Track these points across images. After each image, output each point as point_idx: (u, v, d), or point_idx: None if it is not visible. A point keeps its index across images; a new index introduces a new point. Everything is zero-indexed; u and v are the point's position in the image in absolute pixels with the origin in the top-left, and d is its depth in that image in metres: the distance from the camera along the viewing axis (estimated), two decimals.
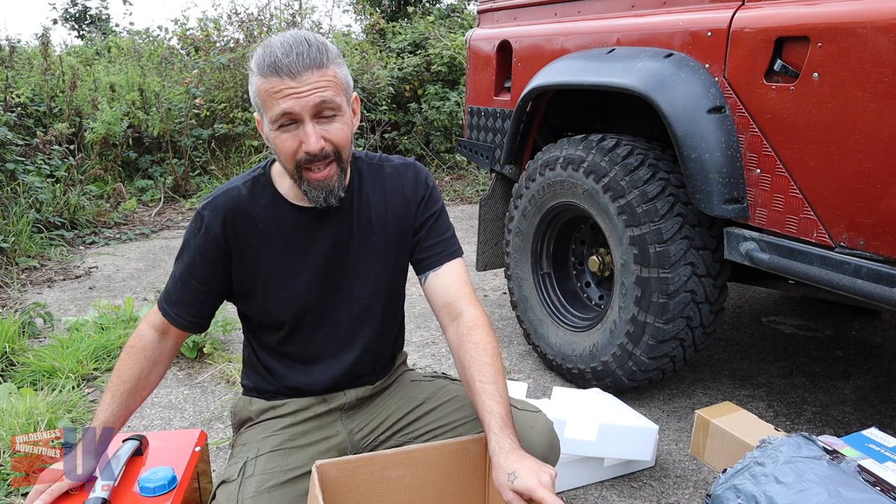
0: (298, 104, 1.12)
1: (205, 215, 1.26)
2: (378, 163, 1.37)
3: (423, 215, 1.36)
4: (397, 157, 1.41)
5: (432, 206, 1.38)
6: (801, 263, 1.67)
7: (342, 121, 1.18)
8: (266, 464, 1.26)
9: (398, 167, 1.37)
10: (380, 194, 1.34)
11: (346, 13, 13.76)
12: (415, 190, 1.36)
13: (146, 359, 1.29)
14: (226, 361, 2.60)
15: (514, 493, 1.05)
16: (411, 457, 1.22)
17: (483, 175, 6.53)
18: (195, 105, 5.92)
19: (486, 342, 1.25)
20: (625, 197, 2.04)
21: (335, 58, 1.16)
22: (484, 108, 2.90)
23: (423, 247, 1.36)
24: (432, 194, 1.38)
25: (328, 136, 1.17)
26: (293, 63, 1.10)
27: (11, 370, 2.46)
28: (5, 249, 3.83)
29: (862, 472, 1.27)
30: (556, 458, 1.33)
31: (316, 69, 1.12)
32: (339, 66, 1.17)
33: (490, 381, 1.19)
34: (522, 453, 1.10)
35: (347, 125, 1.20)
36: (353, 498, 1.19)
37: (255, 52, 1.17)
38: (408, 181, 1.36)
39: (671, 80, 1.87)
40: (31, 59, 6.32)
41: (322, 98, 1.13)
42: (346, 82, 1.19)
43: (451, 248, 1.37)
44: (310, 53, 1.11)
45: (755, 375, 2.51)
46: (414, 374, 1.51)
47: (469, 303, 1.31)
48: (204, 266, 1.28)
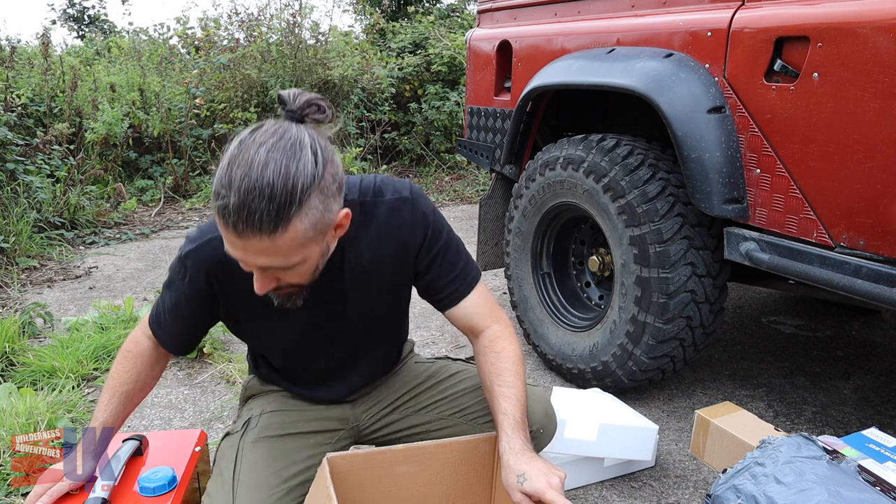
0: (244, 260, 1.01)
1: (188, 265, 1.19)
2: (371, 201, 1.22)
3: (428, 256, 1.26)
4: (390, 189, 1.24)
5: (436, 243, 1.26)
6: (801, 263, 1.67)
7: (303, 267, 1.05)
8: (268, 419, 1.35)
9: (392, 205, 1.22)
10: (373, 238, 1.22)
11: (346, 13, 13.75)
12: (413, 231, 1.23)
13: (142, 364, 1.29)
14: (226, 361, 2.60)
15: (523, 494, 1.05)
16: (420, 453, 1.23)
17: (483, 175, 6.53)
18: (195, 105, 5.92)
19: (507, 351, 1.26)
20: (625, 197, 2.04)
21: (302, 211, 0.95)
22: (484, 108, 2.90)
23: (437, 287, 1.28)
24: (434, 230, 1.25)
25: (283, 281, 1.07)
26: (239, 223, 0.93)
27: (11, 370, 2.46)
28: (5, 249, 3.83)
29: (862, 472, 1.27)
30: (554, 427, 1.38)
31: (267, 236, 0.94)
32: (303, 217, 0.96)
33: (509, 385, 1.21)
34: (532, 455, 1.10)
35: (310, 267, 1.07)
36: (361, 491, 1.20)
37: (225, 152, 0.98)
38: (405, 221, 1.23)
39: (671, 80, 1.87)
40: (31, 59, 6.32)
41: (270, 265, 1.01)
42: (314, 231, 1.00)
43: (466, 280, 1.29)
44: (261, 219, 0.92)
45: (755, 375, 2.51)
46: (418, 358, 1.55)
47: (492, 320, 1.30)
48: (190, 308, 1.25)
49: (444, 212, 5.64)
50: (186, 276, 1.20)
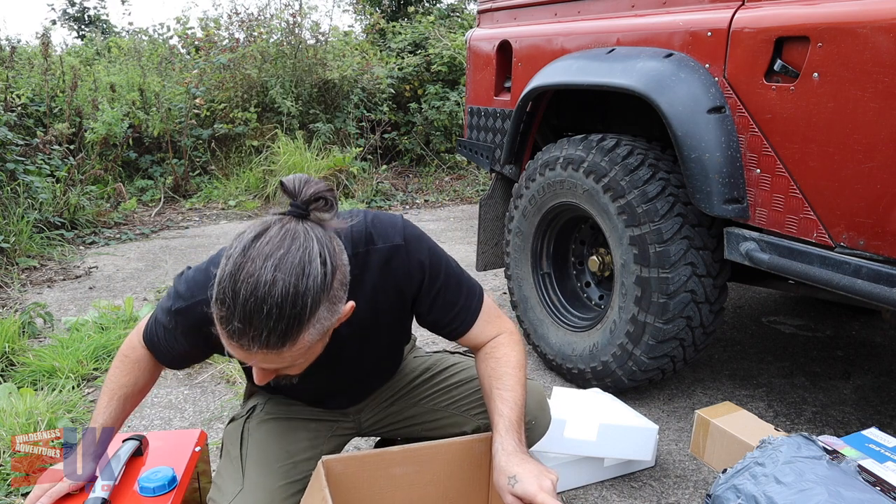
0: (244, 360, 1.00)
1: (179, 322, 1.17)
2: (363, 252, 1.18)
3: (427, 300, 1.24)
4: (381, 235, 1.19)
5: (434, 286, 1.23)
6: (801, 263, 1.67)
7: (305, 363, 1.05)
8: (274, 405, 1.40)
9: (385, 254, 1.19)
10: (368, 290, 1.18)
11: (346, 13, 13.75)
12: (408, 279, 1.21)
13: (139, 369, 1.29)
14: (226, 361, 2.60)
15: (514, 497, 1.04)
16: (416, 454, 1.22)
17: (483, 175, 6.53)
18: (195, 105, 5.92)
19: (508, 356, 1.26)
20: (625, 197, 2.04)
21: (310, 325, 0.95)
22: (484, 108, 2.90)
23: (441, 325, 1.28)
24: (430, 273, 1.22)
25: (283, 373, 1.06)
26: (244, 340, 0.93)
27: (11, 370, 2.46)
28: (5, 249, 3.83)
29: (862, 472, 1.27)
30: (547, 420, 1.40)
31: (274, 352, 0.94)
32: (311, 329, 0.95)
33: (507, 388, 1.21)
34: (525, 456, 1.10)
35: (313, 357, 1.06)
36: (357, 493, 1.20)
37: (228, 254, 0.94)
38: (399, 270, 1.20)
39: (671, 81, 1.87)
40: (31, 59, 6.32)
41: (274, 368, 1.02)
42: (320, 335, 0.99)
43: (469, 313, 1.27)
44: (268, 338, 0.92)
45: (755, 375, 2.51)
46: (418, 353, 1.56)
47: (497, 331, 1.30)
48: (184, 346, 1.23)
49: (443, 212, 5.65)
50: (178, 328, 1.18)
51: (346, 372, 1.33)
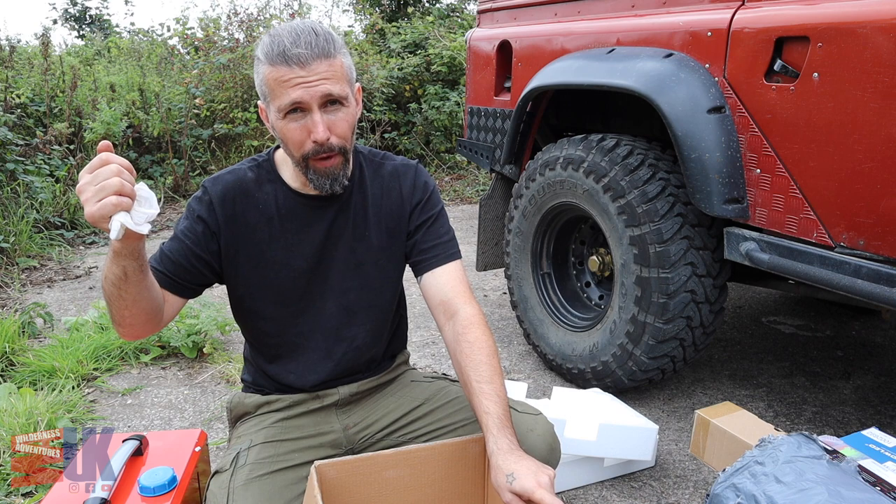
0: (308, 94, 1.13)
1: (208, 187, 1.29)
2: (380, 160, 1.38)
3: (420, 217, 1.37)
4: (401, 158, 1.41)
5: (430, 209, 1.38)
6: (801, 263, 1.67)
7: (347, 112, 1.20)
8: (258, 454, 1.27)
9: (398, 167, 1.38)
10: (377, 191, 1.35)
11: (346, 13, 13.75)
12: (412, 191, 1.37)
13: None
14: (226, 361, 2.60)
15: (512, 494, 1.05)
16: (410, 457, 1.21)
17: (483, 175, 6.53)
18: (195, 105, 5.92)
19: (481, 341, 1.24)
20: (625, 197, 2.04)
21: (341, 47, 1.17)
22: (484, 108, 2.90)
23: (421, 249, 1.36)
24: (431, 197, 1.38)
25: (334, 129, 1.18)
26: (302, 53, 1.11)
27: (11, 370, 2.46)
28: (5, 249, 3.83)
29: (862, 472, 1.27)
30: (557, 461, 1.32)
31: (324, 59, 1.13)
32: (344, 55, 1.18)
33: (486, 380, 1.19)
34: (521, 454, 1.10)
35: (352, 115, 1.21)
36: (351, 498, 1.19)
37: (261, 41, 1.17)
38: (406, 181, 1.37)
39: (671, 81, 1.87)
40: (31, 59, 6.32)
41: (329, 90, 1.15)
42: (351, 72, 1.21)
43: (448, 251, 1.36)
44: (318, 43, 1.13)
45: (755, 375, 2.51)
46: (414, 374, 1.51)
47: (465, 301, 1.30)
48: (193, 239, 1.27)
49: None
50: (205, 196, 1.28)
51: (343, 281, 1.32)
